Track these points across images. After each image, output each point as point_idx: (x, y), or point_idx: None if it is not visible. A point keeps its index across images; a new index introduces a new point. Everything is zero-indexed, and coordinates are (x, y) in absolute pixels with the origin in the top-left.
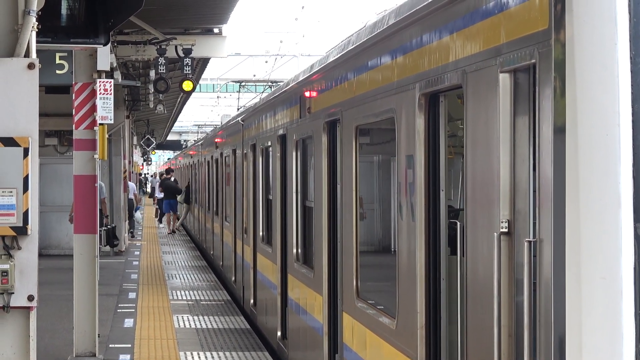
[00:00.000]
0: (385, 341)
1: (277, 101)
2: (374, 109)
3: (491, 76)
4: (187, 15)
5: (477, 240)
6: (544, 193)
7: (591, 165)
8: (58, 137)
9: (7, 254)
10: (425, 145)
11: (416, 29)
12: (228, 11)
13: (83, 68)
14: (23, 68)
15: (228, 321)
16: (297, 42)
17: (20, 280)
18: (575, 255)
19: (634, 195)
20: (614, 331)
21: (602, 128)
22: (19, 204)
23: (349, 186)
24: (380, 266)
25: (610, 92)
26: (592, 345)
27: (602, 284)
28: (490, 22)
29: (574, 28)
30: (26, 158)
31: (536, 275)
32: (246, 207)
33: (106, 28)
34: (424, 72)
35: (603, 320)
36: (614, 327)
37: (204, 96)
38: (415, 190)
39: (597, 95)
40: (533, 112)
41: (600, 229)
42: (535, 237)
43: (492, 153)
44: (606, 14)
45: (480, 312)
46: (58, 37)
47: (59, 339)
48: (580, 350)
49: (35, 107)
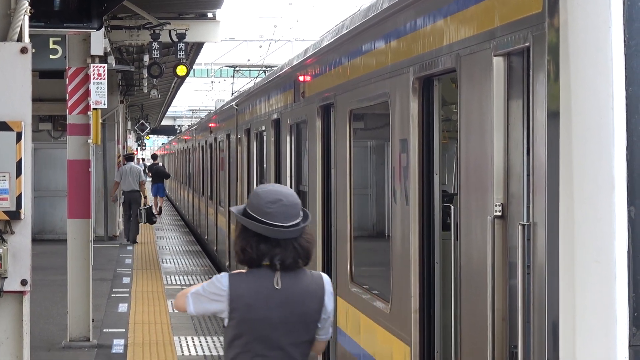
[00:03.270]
0: (380, 325)
1: (271, 86)
2: (368, 93)
3: (485, 60)
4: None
5: (470, 224)
6: (537, 177)
7: (585, 149)
8: (52, 122)
9: (1, 238)
10: (419, 129)
11: (410, 13)
12: None
13: (77, 53)
14: (16, 52)
15: None
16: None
17: (14, 264)
18: (568, 238)
19: (627, 179)
20: (608, 314)
21: (596, 111)
22: (12, 188)
23: (343, 171)
24: (374, 250)
25: (604, 75)
26: (586, 329)
27: (595, 268)
28: (484, 5)
29: (567, 11)
30: (19, 142)
31: (530, 258)
32: (240, 191)
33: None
34: (418, 55)
35: (597, 304)
36: (608, 311)
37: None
38: (409, 175)
39: (591, 79)
40: (527, 95)
41: (594, 212)
42: (528, 220)
43: (486, 137)
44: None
45: (474, 296)
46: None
47: (53, 324)
48: (574, 334)
49: (28, 91)
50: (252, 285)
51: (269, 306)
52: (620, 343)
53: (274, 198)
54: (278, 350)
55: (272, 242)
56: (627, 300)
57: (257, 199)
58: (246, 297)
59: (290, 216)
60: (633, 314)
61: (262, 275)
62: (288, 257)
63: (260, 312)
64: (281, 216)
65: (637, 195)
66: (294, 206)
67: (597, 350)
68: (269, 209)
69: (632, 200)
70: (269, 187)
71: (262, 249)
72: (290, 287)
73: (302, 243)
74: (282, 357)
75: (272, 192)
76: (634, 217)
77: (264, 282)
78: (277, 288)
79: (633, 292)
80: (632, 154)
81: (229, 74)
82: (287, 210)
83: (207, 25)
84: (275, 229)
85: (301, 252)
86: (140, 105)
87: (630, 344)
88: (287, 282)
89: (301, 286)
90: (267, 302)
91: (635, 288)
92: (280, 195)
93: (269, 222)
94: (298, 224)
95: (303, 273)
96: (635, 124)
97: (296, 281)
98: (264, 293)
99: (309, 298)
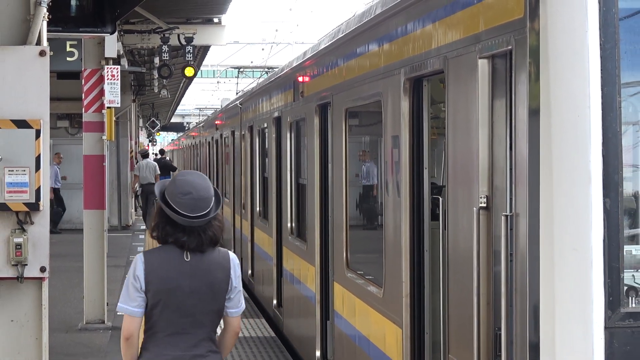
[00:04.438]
0: (373, 309)
1: (273, 86)
2: (362, 93)
3: (471, 62)
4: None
5: (457, 214)
6: (519, 170)
7: (563, 145)
8: (69, 119)
9: (21, 228)
10: (410, 126)
11: (401, 18)
12: (227, 2)
13: (92, 55)
14: (35, 55)
15: None
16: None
17: (33, 252)
18: (548, 228)
19: (603, 173)
20: (585, 299)
21: (573, 110)
22: (32, 181)
23: (339, 165)
24: (368, 239)
25: (581, 76)
26: (565, 312)
27: (573, 255)
28: (469, 11)
29: (547, 16)
30: (38, 139)
31: (512, 247)
32: (244, 184)
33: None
34: (409, 58)
35: (574, 289)
36: (585, 295)
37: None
38: (401, 168)
39: (569, 79)
40: (510, 95)
41: (572, 203)
42: (511, 211)
43: (472, 133)
44: (577, 3)
45: (460, 282)
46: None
47: (70, 307)
48: (553, 317)
49: (46, 91)
50: (164, 259)
51: (179, 277)
52: (596, 325)
53: (186, 190)
54: (189, 317)
55: (179, 227)
56: (602, 285)
57: (173, 187)
58: (159, 270)
59: (197, 208)
60: (608, 298)
61: (172, 250)
62: (192, 242)
63: (172, 282)
64: (188, 208)
65: (612, 188)
66: (203, 200)
67: (575, 331)
68: (180, 199)
69: (607, 193)
70: (186, 178)
71: (168, 230)
72: (199, 259)
73: (207, 231)
74: (192, 323)
75: (186, 183)
76: (609, 208)
77: (174, 256)
78: (187, 260)
79: (608, 278)
80: (607, 149)
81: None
82: (196, 203)
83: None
84: (182, 218)
85: (205, 239)
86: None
87: (606, 326)
88: (196, 256)
89: (209, 258)
90: (177, 273)
91: (610, 274)
92: (192, 188)
93: (178, 210)
94: (204, 215)
95: (210, 249)
96: (610, 122)
97: (204, 255)
98: (174, 265)
99: (216, 268)
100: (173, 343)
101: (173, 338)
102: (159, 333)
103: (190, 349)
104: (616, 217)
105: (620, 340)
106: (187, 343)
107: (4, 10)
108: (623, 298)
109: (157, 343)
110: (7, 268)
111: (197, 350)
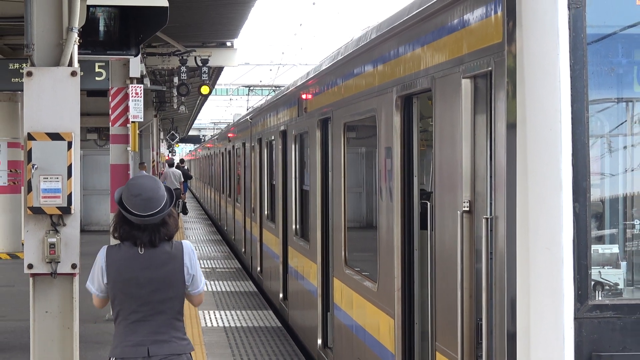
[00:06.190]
0: (369, 301)
1: (279, 102)
2: (359, 109)
3: (455, 81)
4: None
5: (443, 217)
6: (498, 178)
7: (537, 155)
8: (97, 132)
9: (55, 229)
10: (401, 139)
11: (393, 42)
12: (238, 28)
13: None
14: (67, 75)
15: (239, 285)
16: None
17: (65, 251)
18: (524, 229)
19: (572, 180)
20: (556, 293)
21: (546, 124)
22: (64, 188)
23: (338, 173)
24: (364, 239)
25: (553, 94)
26: (538, 304)
27: (546, 254)
28: (454, 36)
29: (523, 41)
30: (70, 150)
31: (492, 246)
32: (254, 190)
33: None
34: (400, 78)
35: (547, 284)
36: (557, 290)
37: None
38: (393, 176)
39: (542, 97)
40: (490, 111)
41: (545, 207)
42: (491, 214)
43: (456, 145)
44: (550, 29)
45: (446, 277)
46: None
47: None
48: (528, 308)
49: (77, 107)
50: (121, 254)
51: (134, 269)
52: (567, 316)
53: (136, 192)
54: (148, 305)
55: (135, 225)
56: (572, 280)
57: (127, 190)
58: (116, 262)
59: (147, 208)
60: (577, 292)
61: (130, 246)
62: (145, 238)
63: (128, 274)
64: (140, 207)
65: (580, 193)
66: (152, 200)
67: (548, 321)
68: (132, 201)
69: (577, 198)
70: (137, 181)
71: (125, 229)
72: (152, 253)
73: (160, 228)
74: (150, 310)
75: (136, 186)
76: (578, 212)
77: (131, 250)
78: (141, 254)
79: (577, 274)
80: (577, 159)
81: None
82: (145, 203)
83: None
84: (133, 217)
85: (158, 234)
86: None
87: (575, 316)
88: (150, 250)
89: (163, 251)
90: (132, 265)
91: (579, 271)
92: (141, 190)
93: (131, 210)
94: (156, 214)
95: (165, 243)
96: (579, 135)
97: (157, 249)
98: (130, 259)
99: (169, 261)
100: (134, 330)
101: (134, 325)
102: (123, 322)
103: (151, 334)
104: (584, 220)
105: (588, 330)
106: (147, 329)
107: (41, 35)
108: (590, 292)
109: (121, 331)
110: (42, 265)
111: (159, 336)
